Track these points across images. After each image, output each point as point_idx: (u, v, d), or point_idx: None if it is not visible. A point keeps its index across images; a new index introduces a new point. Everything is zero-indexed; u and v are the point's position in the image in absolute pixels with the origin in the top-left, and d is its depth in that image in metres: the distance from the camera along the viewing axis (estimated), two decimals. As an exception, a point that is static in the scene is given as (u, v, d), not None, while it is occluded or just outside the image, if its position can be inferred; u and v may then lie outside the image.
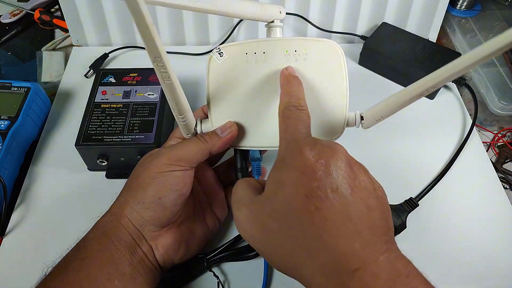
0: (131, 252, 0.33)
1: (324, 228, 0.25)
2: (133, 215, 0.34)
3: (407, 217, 0.44)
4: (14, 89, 0.50)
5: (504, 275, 0.41)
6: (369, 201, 0.26)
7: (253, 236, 0.29)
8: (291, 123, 0.31)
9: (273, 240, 0.27)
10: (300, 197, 0.25)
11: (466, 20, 0.66)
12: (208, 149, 0.36)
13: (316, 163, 0.26)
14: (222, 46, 0.40)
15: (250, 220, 0.29)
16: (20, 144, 0.49)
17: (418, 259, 0.42)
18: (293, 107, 0.32)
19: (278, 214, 0.26)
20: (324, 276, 0.25)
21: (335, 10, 0.62)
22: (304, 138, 0.29)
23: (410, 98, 0.30)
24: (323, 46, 0.39)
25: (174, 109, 0.34)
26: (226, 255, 0.40)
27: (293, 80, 0.35)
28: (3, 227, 0.44)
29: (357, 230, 0.25)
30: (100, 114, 0.47)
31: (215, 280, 0.39)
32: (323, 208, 0.25)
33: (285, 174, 0.27)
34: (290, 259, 0.26)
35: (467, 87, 0.56)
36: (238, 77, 0.39)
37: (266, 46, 0.39)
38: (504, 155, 0.54)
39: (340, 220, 0.25)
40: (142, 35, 0.26)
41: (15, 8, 0.70)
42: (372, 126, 0.37)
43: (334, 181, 0.25)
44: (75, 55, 0.63)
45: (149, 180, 0.34)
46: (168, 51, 0.62)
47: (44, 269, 0.32)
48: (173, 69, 0.29)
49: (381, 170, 0.49)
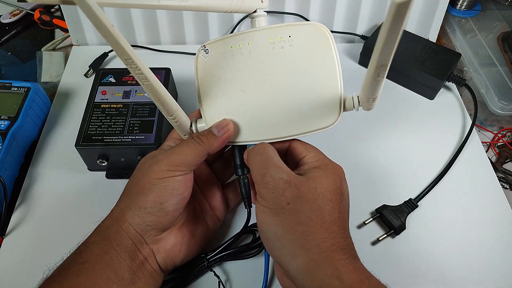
0: (131, 256, 0.33)
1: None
2: (135, 220, 0.34)
3: (407, 218, 0.44)
4: (14, 89, 0.50)
5: (503, 276, 0.41)
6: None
7: (285, 197, 0.32)
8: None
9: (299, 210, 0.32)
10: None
11: (466, 20, 0.66)
12: (206, 150, 0.36)
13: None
14: (206, 43, 0.39)
15: (289, 184, 0.33)
16: (20, 144, 0.49)
17: (417, 259, 0.42)
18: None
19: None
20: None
21: (335, 10, 0.62)
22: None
23: (373, 70, 0.29)
24: (308, 29, 0.38)
25: (162, 110, 0.34)
26: (226, 255, 0.40)
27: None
28: (3, 227, 0.44)
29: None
30: (100, 114, 0.47)
31: (216, 280, 0.39)
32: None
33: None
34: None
35: (467, 87, 0.56)
36: (226, 72, 0.38)
37: (250, 37, 0.38)
38: (504, 155, 0.54)
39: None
40: (106, 39, 0.25)
41: (15, 8, 0.70)
42: (372, 107, 0.35)
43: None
44: (75, 54, 0.63)
45: (149, 186, 0.34)
46: (168, 51, 0.62)
47: (45, 271, 0.32)
48: (148, 70, 0.29)
49: (380, 170, 0.49)
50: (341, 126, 0.52)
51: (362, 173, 0.49)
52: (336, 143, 0.51)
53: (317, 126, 0.37)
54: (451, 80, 0.56)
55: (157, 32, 0.63)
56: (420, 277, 0.41)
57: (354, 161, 0.49)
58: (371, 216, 0.45)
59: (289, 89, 0.37)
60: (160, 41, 0.64)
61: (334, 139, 0.51)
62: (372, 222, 0.45)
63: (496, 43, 0.61)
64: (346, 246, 0.32)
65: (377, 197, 0.46)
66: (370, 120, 0.53)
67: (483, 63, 0.58)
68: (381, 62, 0.28)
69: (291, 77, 0.38)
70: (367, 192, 0.47)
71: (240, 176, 0.39)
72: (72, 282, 0.30)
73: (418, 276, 0.41)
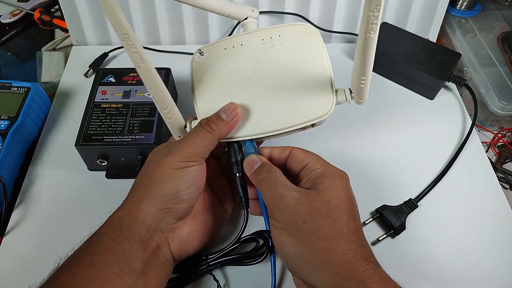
0: (144, 246, 0.33)
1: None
2: (151, 209, 0.34)
3: (407, 218, 0.44)
4: (14, 89, 0.50)
5: (503, 276, 0.41)
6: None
7: (300, 216, 0.32)
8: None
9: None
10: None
11: (466, 20, 0.66)
12: (216, 137, 0.36)
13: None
14: (202, 47, 0.41)
15: (301, 202, 0.33)
16: (20, 144, 0.49)
17: (417, 259, 0.42)
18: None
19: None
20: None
21: (335, 10, 0.62)
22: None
23: (366, 23, 0.28)
24: (296, 29, 0.41)
25: (156, 101, 0.34)
26: (227, 260, 0.40)
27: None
28: (3, 227, 0.44)
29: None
30: (100, 114, 0.47)
31: (215, 284, 0.39)
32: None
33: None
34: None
35: (467, 87, 0.56)
36: (220, 70, 0.40)
37: (243, 39, 0.41)
38: (504, 155, 0.54)
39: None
40: (104, 9, 0.25)
41: (15, 8, 0.70)
42: (364, 99, 0.36)
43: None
44: (75, 54, 0.63)
45: (166, 176, 0.34)
46: (168, 51, 0.63)
47: (57, 260, 0.32)
48: (143, 51, 0.29)
49: (380, 170, 0.49)
50: (341, 126, 0.53)
51: (362, 173, 0.48)
52: (336, 143, 0.51)
53: (312, 116, 0.37)
54: (451, 80, 0.56)
55: (157, 32, 0.63)
56: (420, 277, 0.41)
57: (354, 161, 0.49)
58: (371, 216, 0.45)
59: (282, 83, 0.38)
60: (160, 41, 0.64)
61: (334, 140, 0.51)
62: (372, 222, 0.45)
63: (496, 43, 0.61)
64: (367, 255, 0.32)
65: (377, 197, 0.46)
66: (370, 120, 0.54)
67: (483, 63, 0.58)
68: (374, 1, 0.26)
69: (283, 71, 0.39)
70: (367, 192, 0.47)
71: (236, 174, 0.39)
72: (85, 272, 0.30)
73: (418, 276, 0.41)
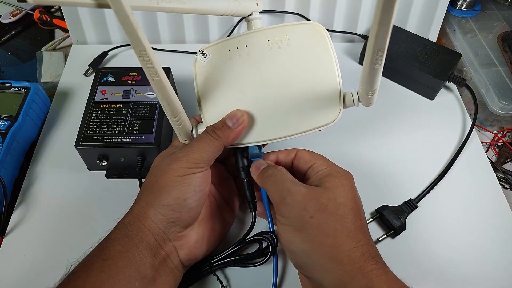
0: (153, 254, 0.33)
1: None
2: (158, 217, 0.34)
3: (407, 218, 0.44)
4: (14, 89, 0.50)
5: (503, 276, 0.41)
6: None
7: (307, 211, 0.32)
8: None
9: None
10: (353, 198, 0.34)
11: (466, 20, 0.66)
12: (222, 144, 0.36)
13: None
14: (204, 47, 0.39)
15: (309, 197, 0.33)
16: (20, 144, 0.49)
17: (417, 260, 0.42)
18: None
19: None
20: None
21: (336, 9, 0.62)
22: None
23: (370, 58, 0.28)
24: (304, 28, 0.38)
25: (166, 110, 0.34)
26: (231, 261, 0.40)
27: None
28: (3, 227, 0.44)
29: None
30: (100, 114, 0.47)
31: (219, 284, 0.39)
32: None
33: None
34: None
35: (467, 87, 0.56)
36: (225, 74, 0.38)
37: (247, 39, 0.38)
38: (504, 155, 0.54)
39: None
40: (124, 28, 0.25)
41: (15, 8, 0.70)
42: (372, 103, 0.35)
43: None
44: (75, 53, 0.63)
45: (171, 183, 0.34)
46: (168, 50, 0.62)
47: (68, 266, 0.32)
48: (160, 65, 0.29)
49: (380, 171, 0.49)
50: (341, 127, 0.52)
51: (362, 174, 0.48)
52: (336, 144, 0.51)
53: (319, 123, 0.37)
54: (451, 80, 0.56)
55: (156, 31, 0.63)
56: (420, 277, 0.41)
57: (354, 162, 0.49)
58: (371, 216, 0.45)
59: (288, 88, 0.37)
60: (160, 40, 0.64)
61: (334, 140, 0.51)
62: (372, 222, 0.45)
63: (496, 43, 0.61)
64: (375, 254, 0.32)
65: (377, 197, 0.46)
66: (370, 120, 0.54)
67: (483, 63, 0.58)
68: (378, 46, 0.27)
69: (290, 76, 0.37)
70: (367, 192, 0.46)
71: (243, 178, 0.39)
72: (96, 278, 0.31)
73: (418, 276, 0.41)
